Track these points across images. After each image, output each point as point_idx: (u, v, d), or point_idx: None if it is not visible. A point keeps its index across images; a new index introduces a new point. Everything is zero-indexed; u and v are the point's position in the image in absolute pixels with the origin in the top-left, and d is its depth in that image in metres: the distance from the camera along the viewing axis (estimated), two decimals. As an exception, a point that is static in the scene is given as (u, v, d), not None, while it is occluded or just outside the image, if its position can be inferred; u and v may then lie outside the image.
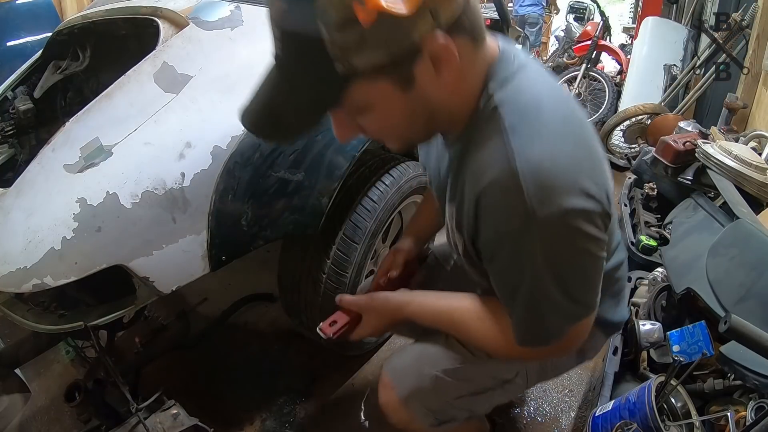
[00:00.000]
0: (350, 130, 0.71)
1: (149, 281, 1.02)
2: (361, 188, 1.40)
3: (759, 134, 2.14)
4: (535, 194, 0.62)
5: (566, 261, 0.68)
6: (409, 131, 0.71)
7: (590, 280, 0.72)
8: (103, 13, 1.46)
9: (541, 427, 1.51)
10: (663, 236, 1.83)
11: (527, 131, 0.64)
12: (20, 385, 1.26)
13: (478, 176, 0.68)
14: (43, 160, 1.06)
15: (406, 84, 0.62)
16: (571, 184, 0.63)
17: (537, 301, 0.71)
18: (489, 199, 0.67)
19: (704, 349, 1.09)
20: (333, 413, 1.54)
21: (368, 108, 0.64)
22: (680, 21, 4.01)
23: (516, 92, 0.67)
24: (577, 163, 0.65)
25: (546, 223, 0.63)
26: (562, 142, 0.65)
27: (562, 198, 0.62)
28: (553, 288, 0.69)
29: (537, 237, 0.64)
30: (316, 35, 0.55)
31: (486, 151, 0.67)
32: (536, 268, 0.67)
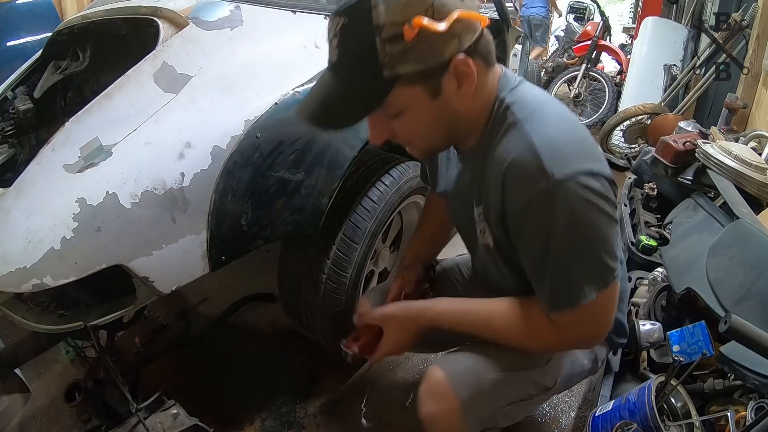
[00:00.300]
0: (384, 133, 0.85)
1: (149, 281, 1.02)
2: (361, 188, 1.40)
3: (759, 134, 2.14)
4: (551, 160, 0.74)
5: (585, 219, 0.76)
6: (434, 135, 0.85)
7: (608, 239, 0.79)
8: (103, 13, 1.46)
9: (541, 427, 1.51)
10: (663, 236, 1.82)
11: (537, 120, 0.78)
12: (20, 385, 1.26)
13: (501, 161, 0.79)
14: (43, 160, 1.06)
15: (434, 93, 0.77)
16: (579, 152, 0.76)
17: (565, 262, 0.78)
18: (513, 173, 0.78)
19: (704, 349, 1.09)
20: (333, 413, 1.54)
21: (402, 111, 0.78)
22: (680, 21, 4.01)
23: (522, 95, 0.83)
24: (580, 141, 0.79)
25: (563, 183, 0.73)
26: (566, 126, 0.80)
27: (573, 162, 0.75)
28: (577, 245, 0.77)
29: (558, 197, 0.74)
30: (370, 46, 0.71)
31: (504, 140, 0.80)
32: (560, 227, 0.76)
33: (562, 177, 0.73)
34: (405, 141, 0.87)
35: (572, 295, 0.80)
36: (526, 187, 0.76)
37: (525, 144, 0.76)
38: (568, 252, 0.78)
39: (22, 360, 1.23)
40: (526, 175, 0.76)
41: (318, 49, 1.33)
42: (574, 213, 0.75)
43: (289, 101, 1.16)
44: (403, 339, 0.99)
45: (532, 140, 0.76)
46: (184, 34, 1.24)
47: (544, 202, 0.75)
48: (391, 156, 1.56)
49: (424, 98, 0.77)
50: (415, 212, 1.74)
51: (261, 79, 1.19)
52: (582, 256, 0.78)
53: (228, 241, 1.09)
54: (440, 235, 1.28)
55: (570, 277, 0.79)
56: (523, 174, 0.76)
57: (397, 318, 0.98)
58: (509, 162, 0.78)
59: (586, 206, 0.75)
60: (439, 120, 0.81)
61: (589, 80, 4.39)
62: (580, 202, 0.75)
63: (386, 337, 0.99)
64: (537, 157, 0.74)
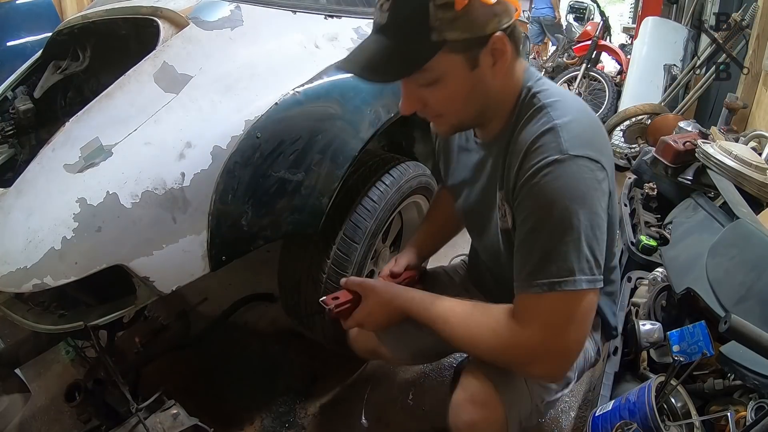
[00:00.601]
0: (416, 103, 0.87)
1: (149, 281, 1.02)
2: (361, 188, 1.40)
3: (759, 134, 2.14)
4: (568, 140, 0.80)
5: (586, 205, 0.79)
6: (465, 109, 0.88)
7: (599, 236, 0.81)
8: (103, 13, 1.46)
9: (541, 427, 1.51)
10: (663, 236, 1.82)
11: (560, 107, 0.84)
12: (20, 385, 1.26)
13: (525, 140, 0.84)
14: (43, 160, 1.06)
15: (473, 65, 0.82)
16: (595, 143, 0.82)
17: (560, 238, 0.79)
18: (534, 145, 0.82)
19: (704, 349, 1.08)
20: (333, 413, 1.54)
21: (440, 79, 0.82)
22: (680, 21, 4.01)
23: (547, 86, 0.89)
24: (597, 134, 0.85)
25: (575, 158, 0.79)
26: (586, 118, 0.85)
27: (589, 148, 0.80)
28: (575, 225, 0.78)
29: (567, 165, 0.78)
30: (424, 10, 0.76)
31: (530, 123, 0.85)
32: (564, 193, 0.78)
33: (576, 154, 0.79)
34: (435, 113, 0.89)
35: (563, 267, 0.78)
36: (542, 156, 0.80)
37: (549, 125, 0.82)
38: (566, 227, 0.78)
39: (22, 360, 1.23)
40: (543, 147, 0.81)
41: (318, 49, 1.33)
42: (579, 184, 0.79)
43: (289, 101, 1.16)
44: (377, 313, 0.99)
45: (555, 123, 0.81)
46: (185, 34, 1.23)
47: (554, 168, 0.79)
48: (391, 156, 1.56)
49: (462, 68, 0.81)
50: (415, 212, 1.74)
51: (261, 79, 1.19)
52: (576, 238, 0.78)
53: (228, 241, 1.09)
54: (443, 232, 1.31)
55: (563, 255, 0.78)
56: (540, 147, 0.81)
57: (376, 290, 1.00)
58: (532, 139, 0.83)
59: (591, 184, 0.79)
60: (472, 94, 0.85)
61: (589, 80, 4.39)
62: (586, 179, 0.79)
63: (362, 307, 1.00)
64: (557, 136, 0.80)
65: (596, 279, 0.80)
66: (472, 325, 0.88)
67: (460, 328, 0.89)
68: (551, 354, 0.82)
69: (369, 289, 1.01)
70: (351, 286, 1.02)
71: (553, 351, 0.81)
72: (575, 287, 0.78)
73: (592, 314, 0.82)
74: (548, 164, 0.79)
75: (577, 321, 0.80)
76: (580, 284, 0.78)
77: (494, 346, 0.85)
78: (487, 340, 0.86)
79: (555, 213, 0.78)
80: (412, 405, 1.55)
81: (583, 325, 0.82)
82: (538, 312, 0.81)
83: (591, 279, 0.79)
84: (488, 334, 0.86)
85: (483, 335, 0.87)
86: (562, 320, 0.80)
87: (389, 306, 0.98)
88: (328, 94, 1.24)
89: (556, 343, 0.80)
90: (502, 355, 0.86)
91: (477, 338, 0.87)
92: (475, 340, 0.88)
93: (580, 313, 0.80)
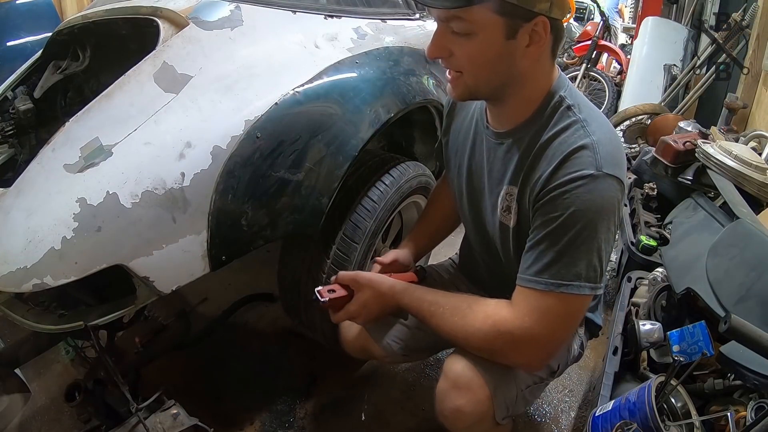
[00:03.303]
0: (443, 50, 0.87)
1: (149, 281, 1.01)
2: (361, 188, 1.40)
3: (759, 134, 2.14)
4: (603, 158, 0.84)
5: (607, 221, 0.84)
6: (485, 74, 0.88)
7: (609, 247, 0.87)
8: (103, 13, 1.46)
9: (541, 427, 1.51)
10: (663, 236, 1.82)
11: (596, 124, 0.88)
12: (20, 385, 1.26)
13: (562, 149, 0.86)
14: (43, 160, 1.06)
15: (509, 34, 0.82)
16: (620, 162, 0.87)
17: (577, 246, 0.83)
18: (571, 156, 0.85)
19: (704, 349, 1.09)
20: (333, 413, 1.54)
21: (474, 32, 0.82)
22: (680, 21, 4.01)
23: (579, 98, 0.91)
24: (621, 152, 0.90)
25: (609, 177, 0.83)
26: (614, 137, 0.89)
27: (618, 169, 0.85)
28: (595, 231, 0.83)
29: (600, 182, 0.83)
30: None
31: (568, 133, 0.87)
32: (587, 213, 0.83)
33: (608, 172, 0.83)
34: (457, 67, 0.89)
35: (572, 272, 0.84)
36: (578, 168, 0.84)
37: (587, 140, 0.85)
38: (586, 237, 0.83)
39: (22, 360, 1.23)
40: (580, 159, 0.84)
41: (318, 49, 1.33)
42: (605, 201, 0.83)
43: (289, 101, 1.16)
44: (371, 304, 1.02)
45: (592, 139, 0.85)
46: (185, 34, 1.23)
47: (588, 182, 0.83)
48: (391, 156, 1.56)
49: (498, 32, 0.82)
50: (415, 212, 1.74)
51: (261, 79, 1.19)
52: (594, 243, 0.84)
53: (228, 240, 1.09)
54: (438, 230, 1.33)
55: (575, 261, 0.84)
56: (578, 159, 0.84)
57: (372, 282, 1.02)
58: (570, 150, 0.85)
59: (614, 203, 0.85)
60: (498, 62, 0.85)
61: (589, 80, 4.39)
62: (612, 198, 0.84)
63: (357, 298, 1.03)
64: (594, 152, 0.84)
65: (598, 287, 0.87)
66: (464, 311, 0.92)
67: (450, 315, 0.93)
68: (536, 345, 0.87)
69: (365, 280, 1.03)
70: (344, 280, 1.04)
71: (539, 343, 0.87)
72: (578, 292, 0.84)
73: (582, 316, 0.91)
74: (583, 177, 0.83)
75: (569, 321, 0.88)
76: (584, 290, 0.84)
77: (484, 331, 0.89)
78: (478, 324, 0.89)
79: (580, 223, 0.83)
80: (412, 405, 1.55)
81: (572, 325, 0.91)
82: (536, 306, 0.86)
83: (593, 287, 0.85)
84: (480, 318, 0.89)
85: (474, 320, 0.90)
86: (556, 318, 0.86)
87: (384, 297, 1.01)
88: (328, 94, 1.24)
89: (544, 336, 0.86)
90: (487, 344, 0.89)
91: (467, 324, 0.90)
92: (465, 327, 0.91)
93: (574, 314, 0.88)
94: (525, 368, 0.98)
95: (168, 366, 1.57)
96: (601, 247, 0.84)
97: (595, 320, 1.17)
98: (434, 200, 1.34)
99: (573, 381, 1.66)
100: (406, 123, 1.73)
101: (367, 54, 1.39)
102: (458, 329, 0.92)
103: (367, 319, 1.05)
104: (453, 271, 1.34)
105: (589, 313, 1.15)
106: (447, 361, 0.97)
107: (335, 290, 1.04)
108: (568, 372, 1.21)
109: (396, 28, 1.60)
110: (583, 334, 1.16)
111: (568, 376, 1.65)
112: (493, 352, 0.91)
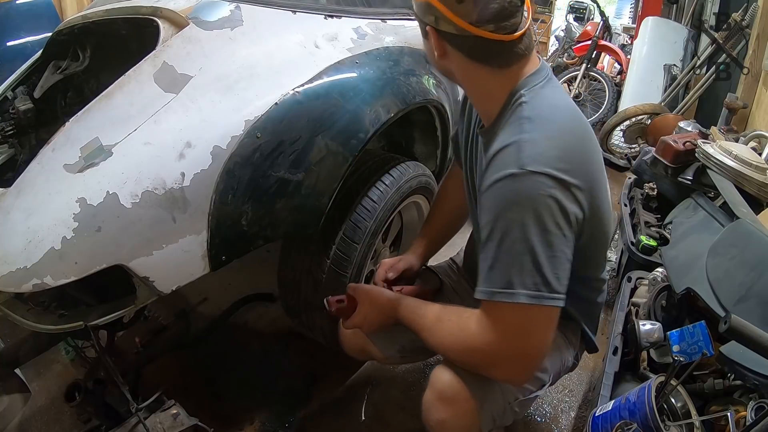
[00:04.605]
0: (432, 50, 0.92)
1: (149, 281, 1.02)
2: (361, 188, 1.40)
3: (759, 134, 2.14)
4: (528, 155, 0.80)
5: (536, 221, 0.79)
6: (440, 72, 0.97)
7: (555, 254, 0.80)
8: (103, 13, 1.46)
9: (541, 427, 1.51)
10: (663, 236, 1.82)
11: (538, 121, 0.84)
12: (20, 385, 1.26)
13: (495, 148, 0.86)
14: (43, 160, 1.06)
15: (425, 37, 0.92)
16: (559, 159, 0.80)
17: (504, 250, 0.81)
18: (495, 157, 0.85)
19: (704, 349, 1.09)
20: (333, 413, 1.54)
21: None
22: (680, 21, 4.00)
23: (539, 97, 0.87)
24: (569, 153, 0.82)
25: (530, 177, 0.79)
26: (562, 136, 0.84)
27: (547, 166, 0.79)
28: (522, 239, 0.79)
29: (521, 181, 0.79)
30: None
31: (504, 131, 0.87)
32: (510, 214, 0.80)
33: (533, 170, 0.79)
34: None
35: (503, 279, 0.81)
36: (502, 168, 0.82)
37: (514, 138, 0.83)
38: (512, 242, 0.80)
39: (22, 360, 1.23)
40: (504, 158, 0.83)
41: (318, 49, 1.33)
42: (529, 201, 0.79)
43: (289, 101, 1.16)
44: (372, 316, 1.06)
45: (521, 137, 0.83)
46: (185, 34, 1.23)
47: (508, 182, 0.81)
48: (391, 156, 1.56)
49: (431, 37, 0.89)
50: (415, 212, 1.74)
51: (261, 79, 1.19)
52: (522, 252, 0.79)
53: (228, 240, 1.09)
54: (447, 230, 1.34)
55: (508, 268, 0.81)
56: (503, 158, 0.84)
57: (370, 296, 1.07)
58: (497, 150, 0.85)
59: (544, 201, 0.79)
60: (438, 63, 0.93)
61: (589, 80, 4.38)
62: (539, 196, 0.79)
63: (358, 310, 1.07)
64: (519, 150, 0.81)
65: (543, 296, 0.80)
66: (445, 327, 0.92)
67: (434, 330, 0.94)
68: (510, 360, 0.85)
69: (364, 294, 1.08)
70: (349, 291, 1.10)
71: (510, 357, 0.85)
72: (513, 300, 0.80)
73: (547, 328, 0.84)
74: (503, 177, 0.81)
75: (530, 333, 0.83)
76: (519, 298, 0.80)
77: (459, 349, 0.90)
78: (454, 342, 0.90)
79: (500, 226, 0.81)
80: (412, 405, 1.55)
81: (536, 337, 0.84)
82: (494, 319, 0.84)
83: (536, 295, 0.80)
84: (455, 336, 0.90)
85: (451, 337, 0.91)
86: (515, 330, 0.83)
87: (383, 310, 1.05)
88: (328, 94, 1.24)
89: (511, 350, 0.84)
90: (466, 357, 0.90)
91: (447, 341, 0.92)
92: (445, 343, 0.92)
93: (533, 326, 0.83)
94: (506, 382, 0.95)
95: (168, 366, 1.57)
96: (535, 250, 0.79)
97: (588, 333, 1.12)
98: (440, 200, 1.35)
99: (573, 381, 1.66)
100: (406, 123, 1.73)
101: (367, 54, 1.39)
102: (439, 344, 0.94)
103: (370, 329, 1.10)
104: (452, 274, 1.34)
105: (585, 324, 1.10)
106: (434, 371, 0.96)
107: (344, 300, 1.10)
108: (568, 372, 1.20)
109: (396, 28, 1.60)
110: (577, 343, 1.14)
111: (568, 376, 1.64)
112: (473, 367, 0.91)
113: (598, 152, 0.91)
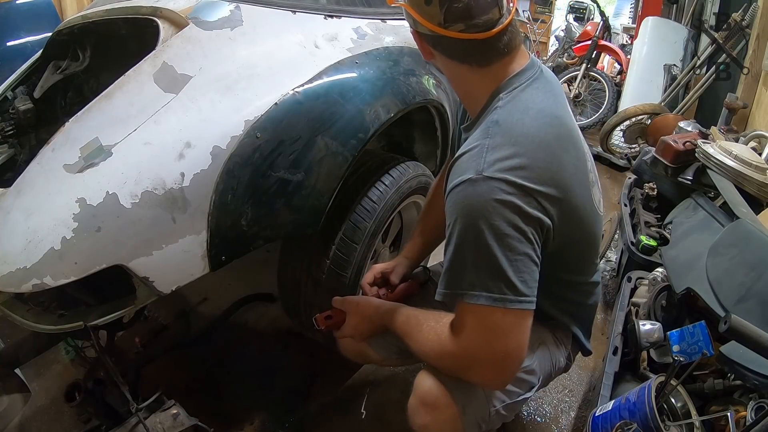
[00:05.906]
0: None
1: (149, 281, 1.01)
2: (361, 188, 1.40)
3: (759, 134, 2.14)
4: (487, 161, 0.81)
5: (490, 226, 0.79)
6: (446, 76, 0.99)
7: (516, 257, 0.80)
8: (103, 13, 1.46)
9: (541, 427, 1.51)
10: (663, 236, 1.82)
11: (505, 126, 0.85)
12: (20, 385, 1.26)
13: (464, 147, 0.87)
14: (43, 160, 1.06)
15: None
16: (518, 167, 0.80)
17: (461, 252, 0.82)
18: (457, 161, 0.87)
19: (704, 349, 1.09)
20: (333, 413, 1.54)
21: None
22: (680, 21, 4.01)
23: (515, 101, 0.87)
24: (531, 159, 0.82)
25: (487, 182, 0.79)
26: (526, 142, 0.83)
27: (506, 172, 0.80)
28: (478, 243, 0.79)
29: (476, 190, 0.80)
30: None
31: (477, 131, 0.88)
32: (467, 218, 0.80)
33: (490, 175, 0.80)
34: None
35: (462, 281, 0.82)
36: (462, 172, 0.83)
37: (476, 143, 0.85)
38: (467, 245, 0.81)
39: (22, 360, 1.23)
40: (466, 163, 0.84)
41: (318, 49, 1.33)
42: (485, 205, 0.79)
43: (289, 101, 1.16)
44: (362, 326, 1.10)
45: (483, 142, 0.84)
46: (184, 34, 1.23)
47: (465, 187, 0.81)
48: (391, 156, 1.56)
49: None
50: (415, 212, 1.74)
51: (261, 79, 1.19)
52: (476, 256, 0.80)
53: (228, 241, 1.09)
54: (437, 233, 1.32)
55: (462, 268, 0.82)
56: (462, 164, 0.85)
57: (358, 307, 1.11)
58: (460, 153, 0.87)
59: (500, 206, 0.79)
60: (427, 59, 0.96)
61: (589, 80, 4.38)
62: (495, 200, 0.79)
63: (348, 322, 1.11)
64: (479, 156, 0.82)
65: (507, 299, 0.79)
66: (424, 332, 0.93)
67: (415, 336, 0.95)
68: (483, 363, 0.84)
69: (352, 306, 1.12)
70: (336, 305, 1.13)
71: (483, 361, 0.84)
72: (475, 301, 0.80)
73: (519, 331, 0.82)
74: (462, 182, 0.82)
75: (499, 336, 0.82)
76: (477, 299, 0.80)
77: (436, 354, 0.90)
78: (432, 348, 0.91)
79: (458, 230, 0.81)
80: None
81: (508, 340, 0.82)
82: (464, 323, 0.84)
83: (498, 298, 0.79)
84: (432, 341, 0.91)
85: (429, 343, 0.92)
86: (485, 333, 0.82)
87: (371, 319, 1.08)
88: (328, 94, 1.24)
89: (482, 353, 0.83)
90: (442, 362, 0.91)
91: (426, 346, 0.92)
92: (425, 348, 0.93)
93: (502, 329, 0.82)
94: (484, 386, 0.94)
95: (168, 366, 1.57)
96: (494, 254, 0.78)
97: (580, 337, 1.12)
98: (432, 200, 1.35)
99: (573, 381, 1.66)
100: (406, 123, 1.73)
101: (367, 54, 1.39)
102: (419, 350, 0.94)
103: (362, 338, 1.13)
104: None
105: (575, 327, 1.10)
106: (418, 376, 0.96)
107: (332, 315, 1.13)
108: (568, 372, 1.20)
109: (396, 28, 1.60)
110: (569, 344, 1.13)
111: (568, 376, 1.65)
112: (450, 371, 0.90)
113: (576, 157, 0.89)
